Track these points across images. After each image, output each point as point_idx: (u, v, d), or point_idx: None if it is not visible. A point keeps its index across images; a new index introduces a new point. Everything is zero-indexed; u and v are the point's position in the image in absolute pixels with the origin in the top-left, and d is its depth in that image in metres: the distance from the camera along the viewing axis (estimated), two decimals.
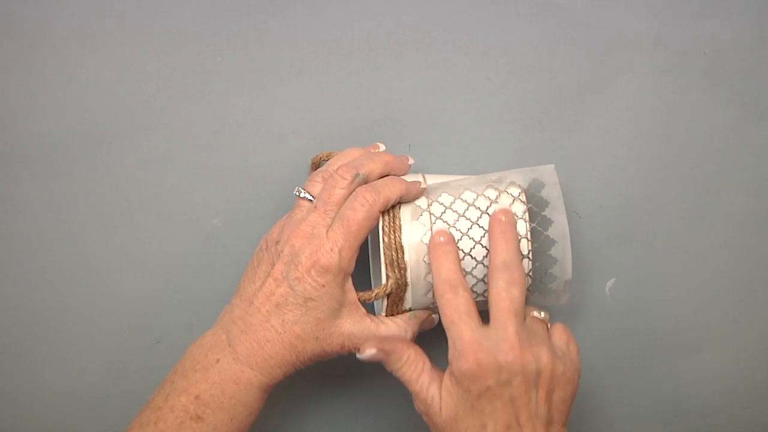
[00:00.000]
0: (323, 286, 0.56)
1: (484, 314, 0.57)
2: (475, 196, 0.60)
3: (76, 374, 0.67)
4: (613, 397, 0.70)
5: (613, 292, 0.70)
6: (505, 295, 0.56)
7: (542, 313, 0.59)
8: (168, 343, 0.67)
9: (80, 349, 0.67)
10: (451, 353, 0.55)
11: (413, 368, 0.56)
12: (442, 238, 0.59)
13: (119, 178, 0.67)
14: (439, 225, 0.59)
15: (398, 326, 0.60)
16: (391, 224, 0.59)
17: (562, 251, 0.61)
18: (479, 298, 0.60)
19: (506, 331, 0.55)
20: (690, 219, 0.70)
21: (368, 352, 0.57)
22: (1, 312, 0.67)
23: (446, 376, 0.55)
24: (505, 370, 0.54)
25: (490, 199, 0.60)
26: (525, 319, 0.57)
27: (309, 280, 0.56)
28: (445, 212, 0.60)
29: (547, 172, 0.61)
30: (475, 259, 0.59)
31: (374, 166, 0.60)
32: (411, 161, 0.63)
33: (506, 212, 0.59)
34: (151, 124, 0.67)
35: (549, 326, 0.59)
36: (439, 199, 0.60)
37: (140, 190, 0.68)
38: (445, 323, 0.56)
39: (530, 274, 0.60)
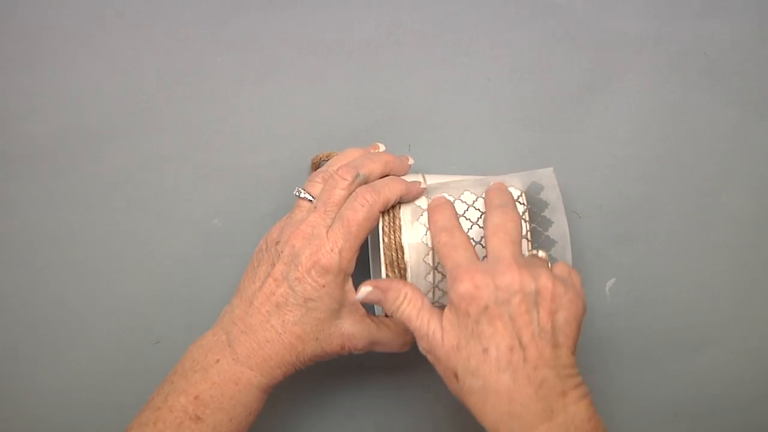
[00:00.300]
0: (323, 286, 0.56)
1: None
2: (474, 197, 0.60)
3: (76, 374, 0.67)
4: (613, 397, 0.70)
5: (613, 292, 0.70)
6: (500, 227, 0.56)
7: (541, 252, 0.58)
8: (168, 343, 0.67)
9: (80, 349, 0.67)
10: (449, 282, 0.54)
11: (412, 305, 0.55)
12: (439, 199, 0.60)
13: (119, 178, 0.67)
14: None
15: (398, 326, 0.60)
16: (391, 224, 0.59)
17: (562, 252, 0.61)
18: None
19: (502, 255, 0.54)
20: (690, 219, 0.70)
21: (363, 291, 0.57)
22: (1, 312, 0.67)
23: (446, 308, 0.54)
24: (503, 289, 0.52)
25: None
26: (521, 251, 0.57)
27: (309, 280, 0.56)
28: None
29: (546, 175, 0.62)
30: None
31: (374, 167, 0.60)
32: (411, 161, 0.63)
33: (500, 184, 0.61)
34: (151, 124, 0.67)
35: (550, 265, 0.58)
36: None
37: (140, 190, 0.68)
38: (443, 261, 0.56)
39: None
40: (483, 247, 0.59)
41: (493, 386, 0.51)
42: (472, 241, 0.59)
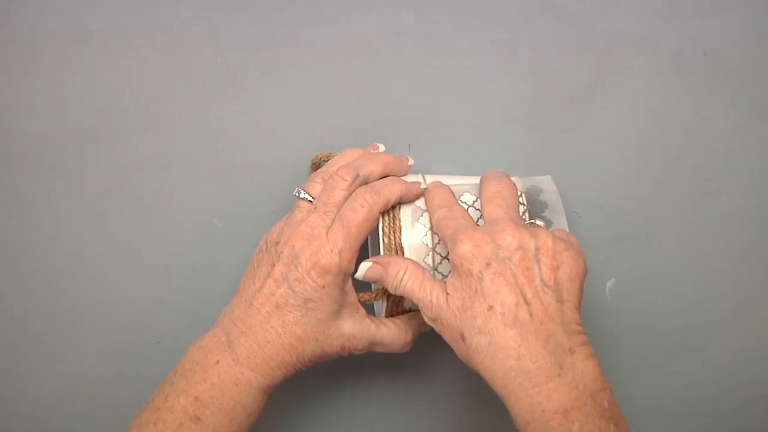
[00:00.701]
0: (323, 287, 0.56)
1: None
2: (474, 198, 0.60)
3: (76, 374, 0.67)
4: None
5: (613, 292, 0.70)
6: (496, 194, 0.57)
7: (538, 221, 0.58)
8: (168, 343, 0.67)
9: (80, 349, 0.67)
10: (449, 248, 0.55)
11: (414, 277, 0.56)
12: (435, 183, 0.61)
13: (119, 178, 0.67)
14: None
15: (398, 327, 0.60)
16: (391, 225, 0.59)
17: None
18: None
19: (500, 217, 0.55)
20: (690, 219, 0.70)
21: (363, 266, 0.58)
22: (1, 312, 0.67)
23: (449, 276, 0.55)
24: (503, 246, 0.53)
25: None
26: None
27: (309, 281, 0.56)
28: None
29: (545, 181, 0.62)
30: None
31: (374, 167, 0.60)
32: (411, 162, 0.63)
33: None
34: (151, 124, 0.67)
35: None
36: None
37: (140, 190, 0.68)
38: (442, 233, 0.57)
39: None
40: None
41: (501, 342, 0.52)
42: None
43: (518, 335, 0.52)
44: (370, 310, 0.61)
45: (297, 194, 0.61)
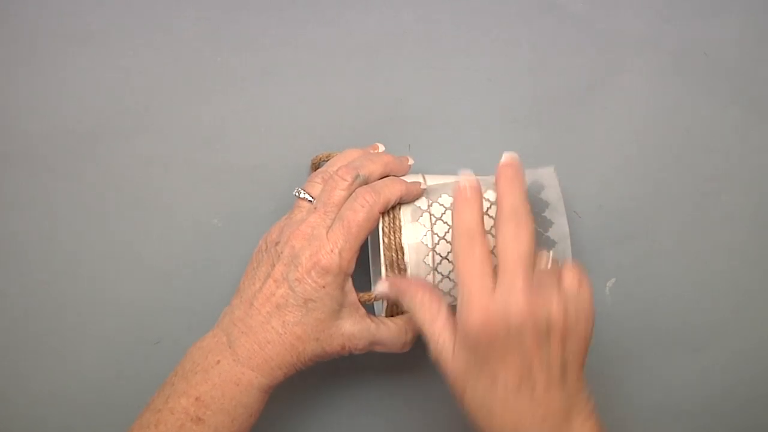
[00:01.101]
0: (323, 287, 0.56)
1: None
2: None
3: (76, 375, 0.67)
4: (612, 397, 0.70)
5: (613, 292, 0.70)
6: (514, 245, 0.53)
7: (550, 254, 0.56)
8: (168, 343, 0.67)
9: (80, 350, 0.67)
10: (460, 303, 0.54)
11: (426, 311, 0.55)
12: (468, 189, 0.56)
13: (119, 178, 0.67)
14: (440, 226, 0.59)
15: (398, 327, 0.60)
16: (391, 225, 0.59)
17: (563, 252, 0.60)
18: None
19: (516, 280, 0.52)
20: (690, 219, 0.70)
21: (380, 286, 0.57)
22: (1, 312, 0.67)
23: (459, 330, 0.54)
24: (515, 326, 0.52)
25: (489, 201, 0.60)
26: (534, 266, 0.54)
27: (309, 281, 0.56)
28: (445, 213, 0.60)
29: (547, 175, 0.61)
30: None
31: (374, 167, 0.60)
32: (411, 162, 0.63)
33: (513, 161, 0.57)
34: (151, 124, 0.67)
35: (560, 266, 0.56)
36: (439, 200, 0.60)
37: (140, 190, 0.68)
38: (456, 267, 0.54)
39: None
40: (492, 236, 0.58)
41: (500, 413, 0.52)
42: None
43: (517, 411, 0.52)
44: (370, 309, 0.61)
45: (297, 194, 0.61)
